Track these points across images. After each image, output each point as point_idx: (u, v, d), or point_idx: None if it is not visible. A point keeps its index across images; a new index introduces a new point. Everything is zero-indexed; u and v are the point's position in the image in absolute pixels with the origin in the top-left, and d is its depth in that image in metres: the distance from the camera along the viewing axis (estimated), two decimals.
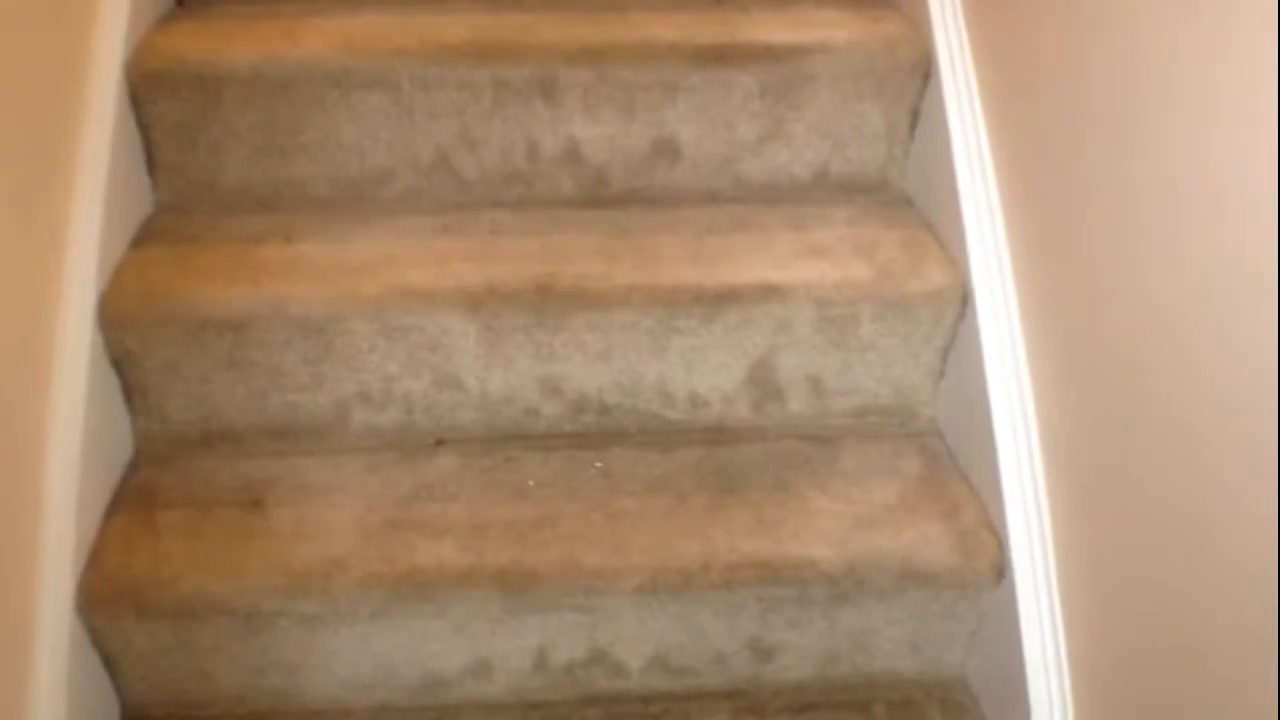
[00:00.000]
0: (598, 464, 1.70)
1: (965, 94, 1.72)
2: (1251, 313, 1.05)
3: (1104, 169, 1.33)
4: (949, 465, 1.72)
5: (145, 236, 1.76)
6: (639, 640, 1.61)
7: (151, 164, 1.80)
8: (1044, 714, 1.48)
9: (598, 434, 1.76)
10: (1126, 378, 1.30)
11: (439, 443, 1.73)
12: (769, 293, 1.67)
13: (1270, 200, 1.01)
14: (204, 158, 1.81)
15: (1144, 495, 1.27)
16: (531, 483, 1.67)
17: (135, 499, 1.63)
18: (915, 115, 1.85)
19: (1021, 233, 1.58)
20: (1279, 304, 1.01)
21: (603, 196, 1.87)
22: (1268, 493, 1.04)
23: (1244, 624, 1.09)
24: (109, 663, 1.57)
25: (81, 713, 1.49)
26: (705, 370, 1.72)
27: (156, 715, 1.62)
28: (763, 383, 1.74)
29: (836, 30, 1.84)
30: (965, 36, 1.75)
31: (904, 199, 1.89)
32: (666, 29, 1.84)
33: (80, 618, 1.50)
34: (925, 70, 1.81)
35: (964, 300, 1.67)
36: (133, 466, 1.68)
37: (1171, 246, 1.19)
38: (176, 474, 1.67)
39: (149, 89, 1.74)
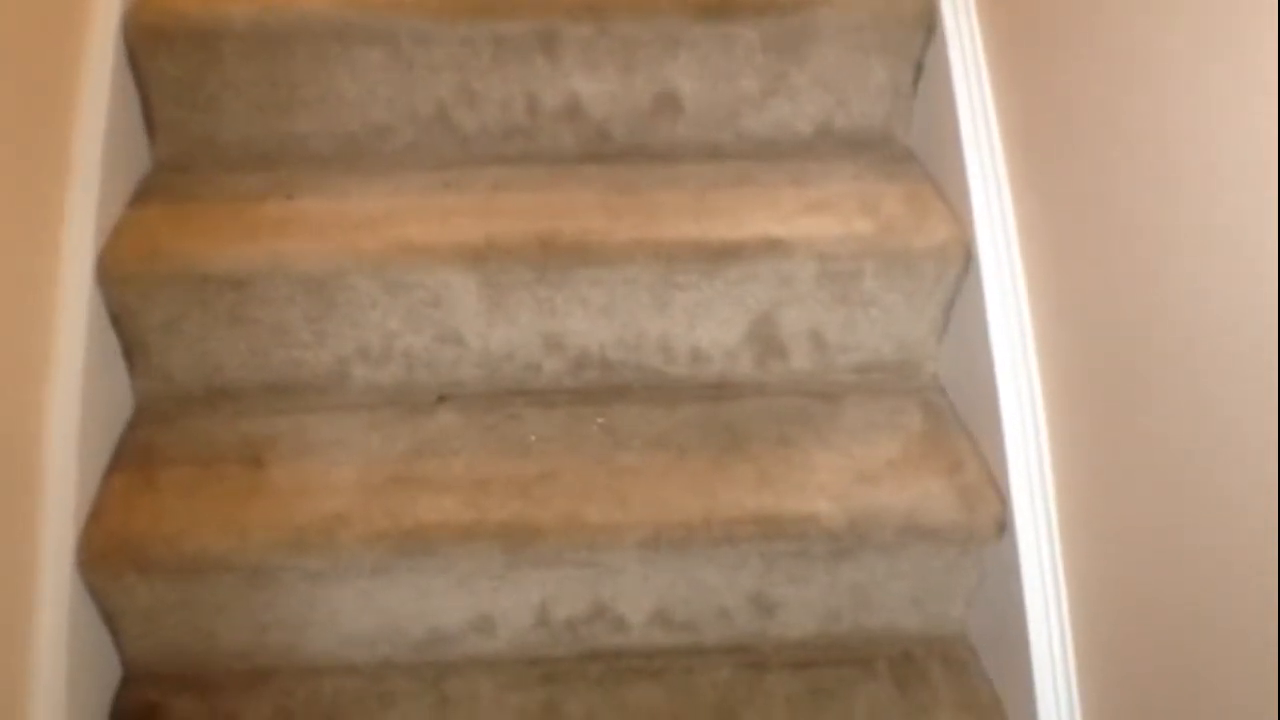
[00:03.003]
0: (600, 420, 1.70)
1: (969, 47, 1.71)
2: (1258, 260, 1.04)
3: (1110, 119, 1.32)
4: (951, 421, 1.71)
5: (144, 194, 1.75)
6: (641, 595, 1.62)
7: (150, 121, 1.79)
8: (1045, 668, 1.49)
9: (600, 390, 1.75)
10: (1131, 332, 1.29)
11: (441, 399, 1.73)
12: (771, 248, 1.66)
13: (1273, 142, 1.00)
14: (203, 114, 1.79)
15: (1147, 450, 1.27)
16: (533, 438, 1.67)
17: (136, 457, 1.63)
18: (919, 69, 1.83)
19: (1026, 187, 1.57)
20: None
21: (604, 151, 1.86)
22: (1273, 441, 1.04)
23: (1246, 572, 1.09)
24: (110, 620, 1.57)
25: (83, 670, 1.49)
26: (707, 326, 1.72)
27: (158, 673, 1.62)
28: (765, 338, 1.73)
29: None
30: None
31: (907, 154, 1.88)
32: None
33: (81, 575, 1.50)
34: (929, 23, 1.79)
35: (967, 255, 1.66)
36: (133, 425, 1.68)
37: (1177, 198, 1.18)
38: (177, 432, 1.67)
39: (147, 44, 1.73)
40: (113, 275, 1.60)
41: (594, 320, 1.70)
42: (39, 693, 1.40)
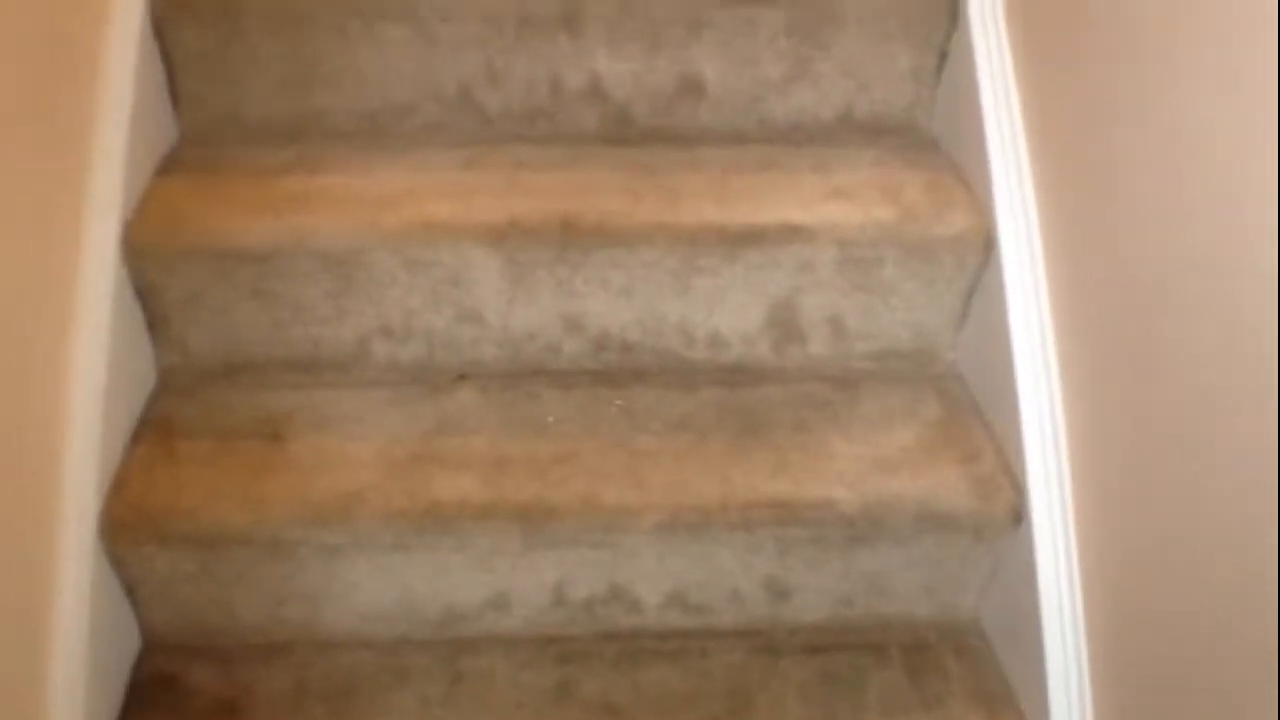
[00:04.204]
0: (618, 402, 1.70)
1: (993, 35, 1.71)
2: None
3: (1135, 108, 1.32)
4: (969, 410, 1.72)
5: (168, 167, 1.75)
6: (657, 577, 1.63)
7: (174, 94, 1.79)
8: (1058, 658, 1.50)
9: (619, 372, 1.76)
10: (1151, 324, 1.29)
11: (460, 378, 1.73)
12: (792, 233, 1.66)
13: None
14: (227, 88, 1.80)
15: (1165, 442, 1.27)
16: (552, 419, 1.68)
17: (158, 429, 1.64)
18: (943, 56, 1.83)
19: (1048, 177, 1.57)
20: None
21: (626, 134, 1.86)
22: None
23: (1261, 567, 1.09)
24: (130, 590, 1.59)
25: (103, 639, 1.51)
26: (727, 310, 1.72)
27: (176, 643, 1.64)
28: (784, 324, 1.73)
29: None
30: None
31: (930, 141, 1.88)
32: None
33: (102, 545, 1.51)
34: (953, 10, 1.79)
35: (988, 244, 1.66)
36: (155, 397, 1.69)
37: (1200, 189, 1.18)
38: (199, 405, 1.68)
39: (172, 17, 1.73)
40: (136, 248, 1.60)
41: (614, 302, 1.70)
42: (60, 660, 1.41)
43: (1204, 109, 1.17)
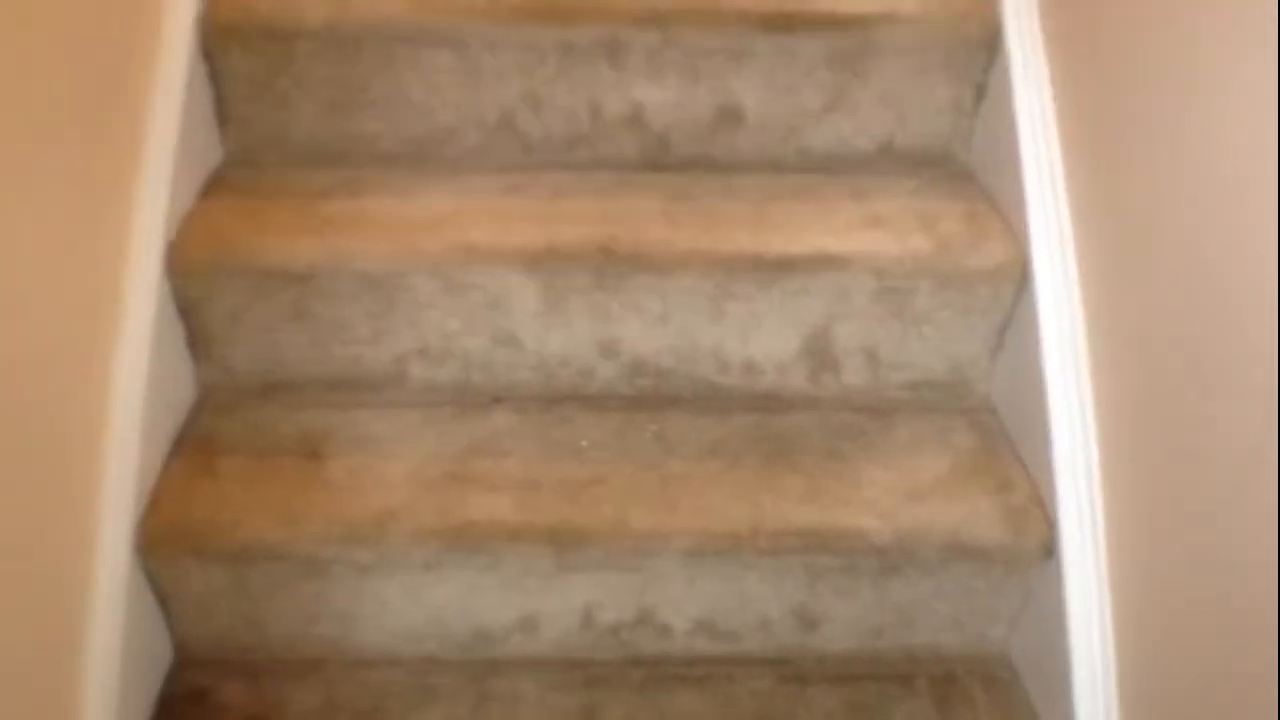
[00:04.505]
0: (652, 427, 1.71)
1: (1032, 68, 1.71)
2: None
3: (1173, 142, 1.32)
4: (1002, 442, 1.71)
5: (214, 187, 1.78)
6: (685, 603, 1.63)
7: (222, 116, 1.83)
8: (1087, 694, 1.48)
9: (653, 397, 1.77)
10: (1188, 358, 1.29)
11: (496, 400, 1.75)
12: (828, 262, 1.67)
13: None
14: (273, 111, 1.82)
15: (1201, 479, 1.26)
16: (585, 443, 1.69)
17: (196, 445, 1.66)
18: (981, 89, 1.83)
19: (1085, 210, 1.57)
20: None
21: (665, 161, 1.88)
22: None
23: None
24: (164, 603, 1.61)
25: (136, 650, 1.52)
26: (761, 338, 1.73)
27: (208, 658, 1.65)
28: (818, 352, 1.74)
29: (904, 1, 1.83)
30: (1035, 9, 1.73)
31: (967, 173, 1.88)
32: None
33: (138, 557, 1.53)
34: (992, 43, 1.79)
35: (1024, 277, 1.66)
36: (195, 413, 1.72)
37: (1239, 221, 1.18)
38: (237, 422, 1.70)
39: (221, 41, 1.76)
40: (180, 266, 1.63)
41: (649, 328, 1.71)
42: (93, 672, 1.43)
43: (1244, 147, 1.17)
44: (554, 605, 1.63)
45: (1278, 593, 1.11)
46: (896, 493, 1.62)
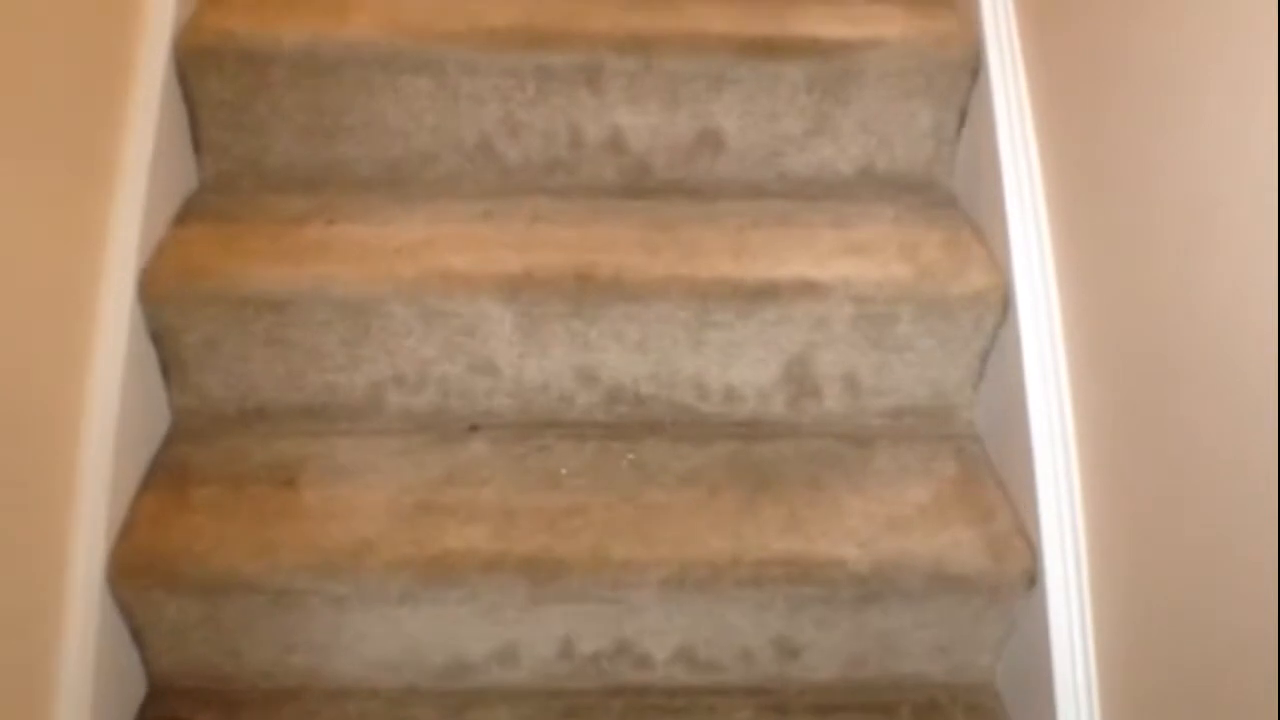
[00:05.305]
0: (630, 455, 1.70)
1: (1014, 94, 1.70)
2: None
3: (1153, 169, 1.31)
4: (984, 470, 1.70)
5: (188, 213, 1.77)
6: (665, 633, 1.61)
7: (197, 141, 1.81)
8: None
9: (631, 425, 1.75)
10: (1169, 390, 1.28)
11: (473, 428, 1.73)
12: (808, 289, 1.66)
13: None
14: (249, 136, 1.81)
15: (1183, 506, 1.26)
16: (563, 471, 1.67)
17: (170, 474, 1.64)
18: (963, 114, 1.83)
19: (1067, 238, 1.56)
20: None
21: (645, 186, 1.87)
22: None
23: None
24: (137, 635, 1.58)
25: (109, 682, 1.50)
26: (741, 365, 1.71)
27: (183, 688, 1.63)
28: (799, 379, 1.73)
29: (887, 26, 1.83)
30: (1016, 35, 1.73)
31: (949, 199, 1.88)
32: (716, 20, 1.83)
33: (110, 588, 1.51)
34: (974, 69, 1.79)
35: (1005, 304, 1.66)
36: (168, 441, 1.70)
37: (1219, 248, 1.17)
38: (211, 450, 1.68)
39: (197, 66, 1.75)
40: (154, 292, 1.62)
41: (628, 355, 1.70)
42: (64, 704, 1.41)
43: (1226, 173, 1.16)
44: (532, 635, 1.61)
45: (1264, 623, 1.10)
46: (877, 521, 1.60)
